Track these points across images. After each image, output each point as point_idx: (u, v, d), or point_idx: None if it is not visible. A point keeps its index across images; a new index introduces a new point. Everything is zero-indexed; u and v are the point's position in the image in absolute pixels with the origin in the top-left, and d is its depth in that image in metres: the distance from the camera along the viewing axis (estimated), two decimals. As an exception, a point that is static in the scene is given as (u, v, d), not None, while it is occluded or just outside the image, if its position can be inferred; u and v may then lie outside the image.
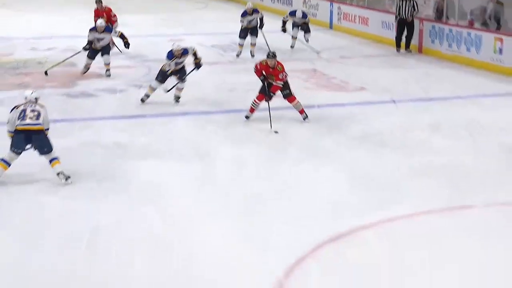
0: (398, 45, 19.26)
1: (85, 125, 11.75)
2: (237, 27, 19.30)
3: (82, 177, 8.99)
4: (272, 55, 10.69)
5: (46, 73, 14.82)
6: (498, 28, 17.09)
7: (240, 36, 16.85)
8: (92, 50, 15.31)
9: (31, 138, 7.48)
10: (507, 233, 7.42)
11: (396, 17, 18.97)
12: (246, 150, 10.23)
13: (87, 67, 15.55)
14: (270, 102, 11.17)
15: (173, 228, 7.42)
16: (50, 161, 7.73)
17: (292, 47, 19.14)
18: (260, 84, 11.42)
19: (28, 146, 7.64)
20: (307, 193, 8.60)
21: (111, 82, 14.57)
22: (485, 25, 17.68)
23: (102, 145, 10.43)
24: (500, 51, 15.70)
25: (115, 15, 18.44)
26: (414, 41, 19.06)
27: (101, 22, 15.49)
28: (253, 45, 17.12)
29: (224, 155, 10.10)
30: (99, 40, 15.13)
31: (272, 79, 10.75)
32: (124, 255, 6.80)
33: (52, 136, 9.68)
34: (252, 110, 11.23)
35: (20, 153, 7.56)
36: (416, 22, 18.96)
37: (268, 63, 10.63)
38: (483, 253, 6.95)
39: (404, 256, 6.82)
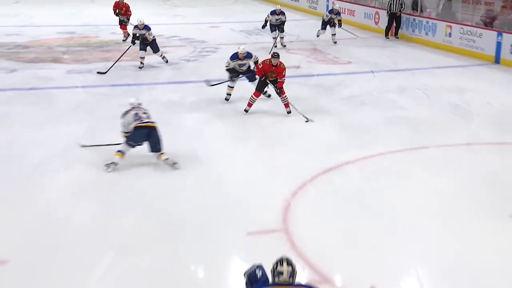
0: (387, 34, 18.72)
1: (150, 88, 11.87)
2: (259, 18, 18.35)
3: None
4: (276, 55, 9.59)
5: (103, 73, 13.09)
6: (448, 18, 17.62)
7: (272, 31, 15.27)
8: (142, 43, 13.50)
9: (150, 134, 6.72)
10: (451, 166, 7.74)
11: (387, 12, 18.43)
12: (266, 107, 10.40)
13: (142, 59, 13.46)
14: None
15: (209, 157, 7.78)
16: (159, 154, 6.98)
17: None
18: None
19: (143, 142, 6.83)
20: (307, 137, 8.85)
21: (168, 57, 14.19)
22: (439, 15, 18.06)
23: (162, 102, 10.61)
24: (450, 35, 15.95)
25: (130, 10, 17.20)
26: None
27: (140, 20, 13.58)
28: (282, 38, 15.51)
29: (250, 111, 10.20)
30: (141, 35, 13.43)
31: (272, 76, 9.65)
32: (178, 175, 7.18)
33: (126, 95, 10.22)
34: (250, 105, 9.99)
35: (134, 146, 6.86)
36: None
37: (272, 62, 9.49)
38: (435, 180, 7.24)
39: (378, 182, 7.15)
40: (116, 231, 5.75)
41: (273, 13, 14.97)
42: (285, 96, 9.74)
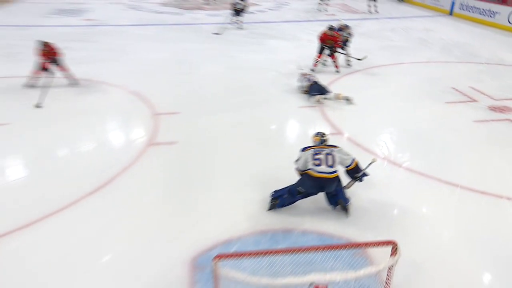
0: None
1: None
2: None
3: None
4: (331, 27, 10.05)
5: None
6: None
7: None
8: (235, 11, 15.24)
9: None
10: (415, 72, 10.66)
11: None
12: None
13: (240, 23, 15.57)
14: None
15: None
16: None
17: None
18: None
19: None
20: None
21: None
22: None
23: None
24: None
25: None
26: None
27: None
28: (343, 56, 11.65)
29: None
30: (237, 3, 15.14)
31: (330, 43, 10.07)
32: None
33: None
34: (315, 65, 10.47)
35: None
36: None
37: (328, 32, 9.92)
38: (405, 79, 10.21)
39: (370, 84, 9.88)
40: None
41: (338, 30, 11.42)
42: (336, 58, 10.39)
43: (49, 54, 8.99)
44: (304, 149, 5.03)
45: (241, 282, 2.96)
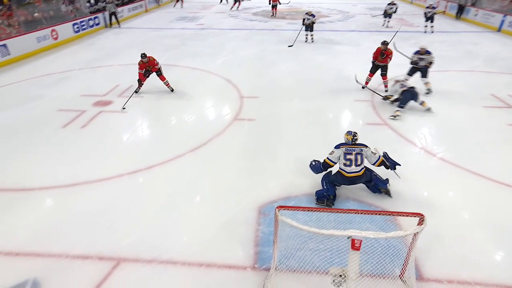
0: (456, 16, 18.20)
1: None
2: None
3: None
4: (385, 42, 8.05)
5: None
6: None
7: (408, 74, 8.40)
8: (305, 26, 13.39)
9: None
10: (459, 79, 9.55)
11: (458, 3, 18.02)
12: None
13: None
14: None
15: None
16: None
17: None
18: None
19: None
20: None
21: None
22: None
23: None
24: (476, 15, 17.21)
25: None
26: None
27: None
28: (426, 83, 8.27)
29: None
30: (308, 19, 13.24)
31: (382, 59, 8.13)
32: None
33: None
34: (366, 83, 8.58)
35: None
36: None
37: (382, 48, 8.04)
38: (449, 86, 9.15)
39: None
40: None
41: (416, 53, 8.28)
42: (387, 80, 8.41)
43: (148, 65, 8.05)
44: (337, 146, 4.65)
45: (295, 227, 3.01)
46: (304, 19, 13.48)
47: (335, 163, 4.61)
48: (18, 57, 11.14)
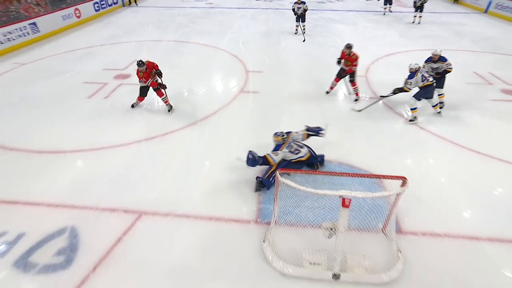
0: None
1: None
2: None
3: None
4: (347, 45, 6.19)
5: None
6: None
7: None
8: (296, 16, 10.71)
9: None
10: (449, 56, 8.28)
11: None
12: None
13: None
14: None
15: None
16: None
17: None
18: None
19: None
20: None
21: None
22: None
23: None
24: None
25: None
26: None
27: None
28: (440, 95, 6.24)
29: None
30: (298, 8, 10.53)
31: (348, 64, 6.32)
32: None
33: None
34: (331, 88, 6.86)
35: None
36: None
37: (345, 52, 6.26)
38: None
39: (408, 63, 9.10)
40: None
41: (428, 60, 6.15)
42: (356, 87, 6.56)
43: (147, 74, 5.88)
44: (277, 149, 4.32)
45: (293, 188, 3.05)
46: (293, 9, 10.60)
47: (276, 162, 4.28)
48: (46, 34, 10.89)
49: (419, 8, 12.60)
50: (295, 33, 11.01)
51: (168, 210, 3.98)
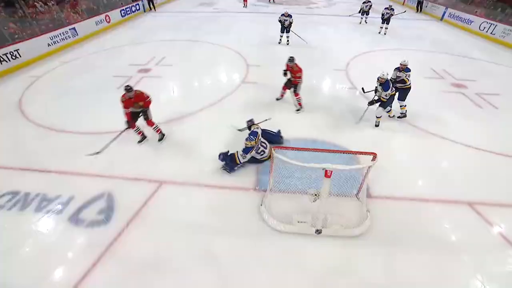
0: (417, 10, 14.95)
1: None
2: None
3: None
4: (290, 59, 5.19)
5: None
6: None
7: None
8: (282, 27, 8.87)
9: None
10: (410, 55, 8.77)
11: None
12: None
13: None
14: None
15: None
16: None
17: None
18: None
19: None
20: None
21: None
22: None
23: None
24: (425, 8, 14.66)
25: None
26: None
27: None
28: (402, 107, 5.25)
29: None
30: (285, 20, 8.81)
31: (292, 76, 5.27)
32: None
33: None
34: (281, 95, 5.84)
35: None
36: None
37: (289, 64, 5.25)
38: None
39: (377, 61, 8.70)
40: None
41: (396, 69, 5.17)
42: (299, 97, 5.42)
43: (135, 101, 4.34)
44: (247, 151, 3.96)
45: (285, 162, 2.97)
46: (280, 20, 8.95)
47: (240, 163, 4.00)
48: (83, 37, 10.49)
49: (386, 20, 10.72)
50: (279, 43, 9.32)
51: (183, 180, 3.94)
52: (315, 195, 3.08)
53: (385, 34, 10.91)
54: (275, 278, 2.82)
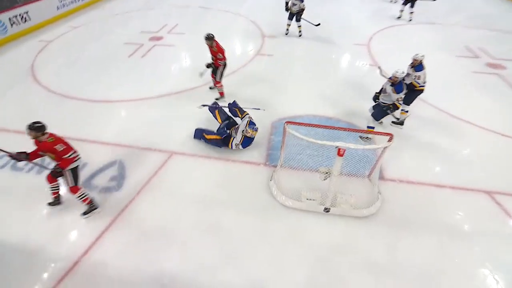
0: None
1: None
2: None
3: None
4: (206, 36, 4.44)
5: None
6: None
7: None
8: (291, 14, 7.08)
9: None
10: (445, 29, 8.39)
11: None
12: None
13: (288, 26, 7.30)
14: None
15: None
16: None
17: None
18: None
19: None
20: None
21: None
22: None
23: None
24: None
25: None
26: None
27: None
28: (404, 111, 4.34)
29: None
30: (294, 5, 6.97)
31: (212, 58, 4.68)
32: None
33: None
34: (215, 84, 4.95)
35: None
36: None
37: (206, 43, 4.52)
38: (431, 37, 8.24)
39: (408, 36, 7.96)
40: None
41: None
42: (220, 85, 4.86)
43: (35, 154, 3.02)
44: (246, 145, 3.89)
45: (297, 138, 2.96)
46: (287, 3, 6.95)
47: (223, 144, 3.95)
48: (92, 1, 10.21)
49: (409, 1, 8.36)
50: (286, 34, 7.31)
51: (194, 152, 3.99)
52: (326, 173, 3.09)
53: (410, 20, 8.49)
54: (278, 253, 2.90)
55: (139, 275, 2.75)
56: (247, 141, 3.88)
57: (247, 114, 4.05)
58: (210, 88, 5.18)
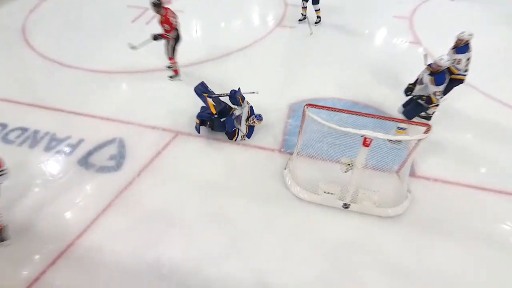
0: None
1: None
2: None
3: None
4: (152, 2, 4.15)
5: None
6: None
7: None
8: None
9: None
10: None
11: None
12: None
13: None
14: None
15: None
16: None
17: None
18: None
19: None
20: None
21: None
22: None
23: None
24: None
25: None
26: None
27: None
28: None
29: None
30: None
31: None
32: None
33: None
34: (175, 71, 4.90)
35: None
36: None
37: (153, 10, 4.30)
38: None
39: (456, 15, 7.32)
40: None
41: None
42: (174, 62, 4.74)
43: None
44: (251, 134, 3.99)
45: (318, 123, 2.96)
46: None
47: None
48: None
49: None
50: (300, 21, 6.45)
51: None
52: (349, 164, 3.09)
53: None
54: (285, 247, 2.96)
55: (137, 262, 2.87)
56: (251, 131, 3.97)
57: (246, 100, 4.03)
58: (167, 67, 4.92)
